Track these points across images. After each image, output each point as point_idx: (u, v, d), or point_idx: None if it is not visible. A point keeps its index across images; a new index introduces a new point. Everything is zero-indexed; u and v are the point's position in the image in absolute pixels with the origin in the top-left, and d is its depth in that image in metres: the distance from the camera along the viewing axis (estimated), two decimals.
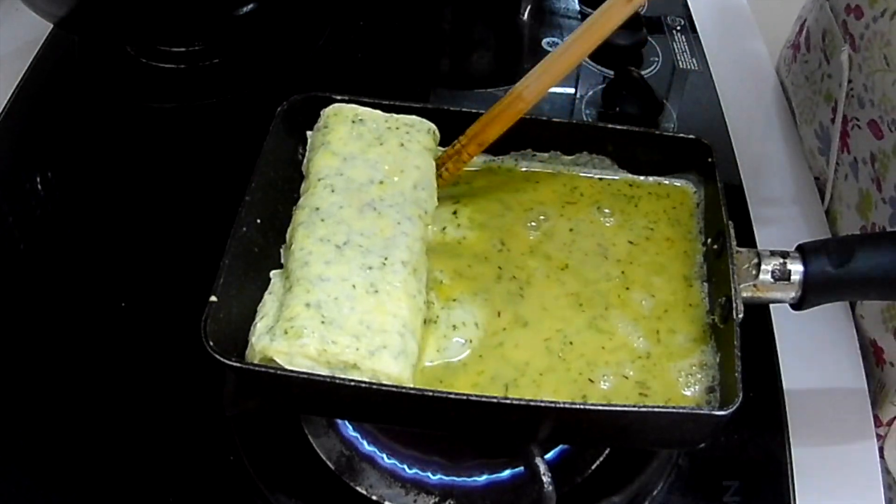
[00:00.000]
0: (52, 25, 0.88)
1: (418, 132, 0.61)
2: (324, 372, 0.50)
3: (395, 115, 0.62)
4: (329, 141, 0.60)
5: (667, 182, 0.64)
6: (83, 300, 0.68)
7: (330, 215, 0.56)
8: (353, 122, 0.61)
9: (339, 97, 0.62)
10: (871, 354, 0.68)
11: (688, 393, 0.52)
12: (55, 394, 0.63)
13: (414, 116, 0.62)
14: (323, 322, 0.50)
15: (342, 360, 0.50)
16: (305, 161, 0.61)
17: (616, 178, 0.64)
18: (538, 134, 0.63)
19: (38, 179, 0.78)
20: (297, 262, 0.54)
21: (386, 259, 0.54)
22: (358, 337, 0.50)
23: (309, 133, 0.62)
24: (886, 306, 0.66)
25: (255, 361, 0.50)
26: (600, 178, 0.64)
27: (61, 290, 0.69)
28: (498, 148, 0.64)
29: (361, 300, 0.52)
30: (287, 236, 0.57)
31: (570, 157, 0.64)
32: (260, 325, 0.52)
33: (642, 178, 0.64)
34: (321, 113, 0.62)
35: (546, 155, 0.64)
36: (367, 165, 0.59)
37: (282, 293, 0.53)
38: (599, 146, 0.63)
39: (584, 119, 0.83)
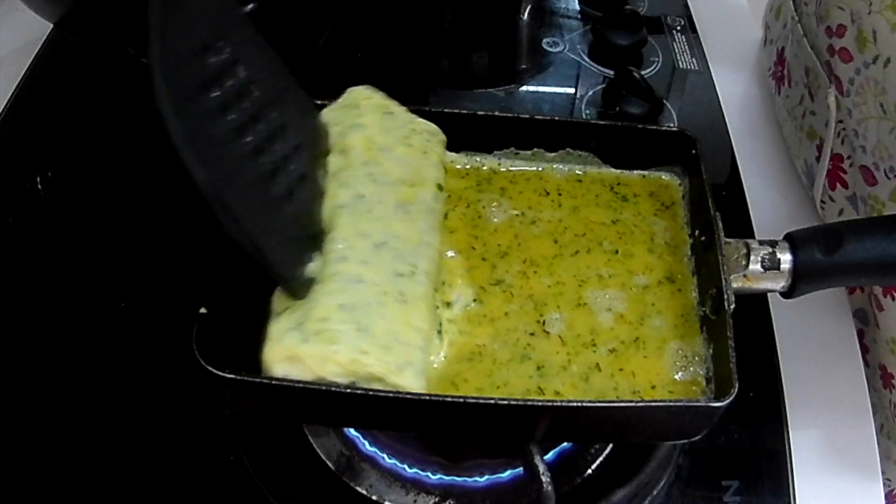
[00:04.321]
0: (52, 25, 0.88)
1: (437, 144, 0.60)
2: (344, 381, 0.49)
3: (418, 119, 0.60)
4: (364, 124, 0.58)
5: (651, 175, 0.64)
6: (83, 300, 0.68)
7: (372, 207, 0.54)
8: (385, 113, 0.59)
9: (319, 101, 0.62)
10: (879, 378, 0.68)
11: (678, 378, 0.53)
12: (55, 393, 0.63)
13: (433, 125, 0.61)
14: (358, 329, 0.49)
15: (370, 371, 0.48)
16: (335, 135, 0.58)
17: (600, 172, 0.64)
18: (520, 132, 0.63)
19: (38, 179, 0.78)
20: (334, 252, 0.52)
21: (415, 268, 0.53)
22: (388, 349, 0.49)
23: (327, 107, 0.60)
24: (892, 338, 0.66)
25: (277, 359, 0.49)
26: (584, 174, 0.64)
27: (61, 290, 0.69)
28: (480, 147, 0.64)
29: (391, 308, 0.51)
30: (324, 212, 0.55)
31: (553, 154, 0.64)
32: (284, 320, 0.50)
33: (626, 172, 0.64)
34: (348, 90, 0.60)
35: (528, 153, 0.64)
36: (398, 162, 0.57)
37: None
38: (582, 142, 0.63)
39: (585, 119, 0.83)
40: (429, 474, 0.58)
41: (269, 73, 0.52)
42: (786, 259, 0.54)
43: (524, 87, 0.88)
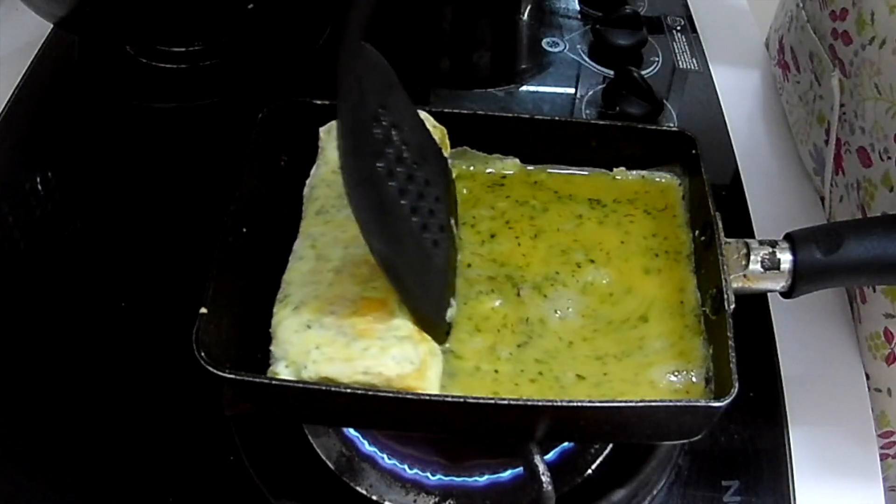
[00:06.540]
0: (52, 25, 0.88)
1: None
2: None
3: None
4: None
5: (651, 175, 0.64)
6: (83, 300, 0.68)
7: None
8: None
9: (318, 101, 0.62)
10: None
11: (681, 379, 0.53)
12: (55, 393, 0.63)
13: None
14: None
15: None
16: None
17: (599, 172, 0.64)
18: (521, 132, 0.63)
19: (38, 179, 0.78)
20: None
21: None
22: None
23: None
24: (869, 334, 0.66)
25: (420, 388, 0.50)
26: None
27: (61, 290, 0.69)
28: (481, 147, 0.64)
29: None
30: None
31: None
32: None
33: (626, 171, 0.64)
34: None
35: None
36: None
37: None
38: (582, 142, 0.63)
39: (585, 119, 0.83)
40: (429, 474, 0.58)
41: (414, 131, 0.54)
42: (786, 259, 0.54)
43: (524, 87, 0.88)
